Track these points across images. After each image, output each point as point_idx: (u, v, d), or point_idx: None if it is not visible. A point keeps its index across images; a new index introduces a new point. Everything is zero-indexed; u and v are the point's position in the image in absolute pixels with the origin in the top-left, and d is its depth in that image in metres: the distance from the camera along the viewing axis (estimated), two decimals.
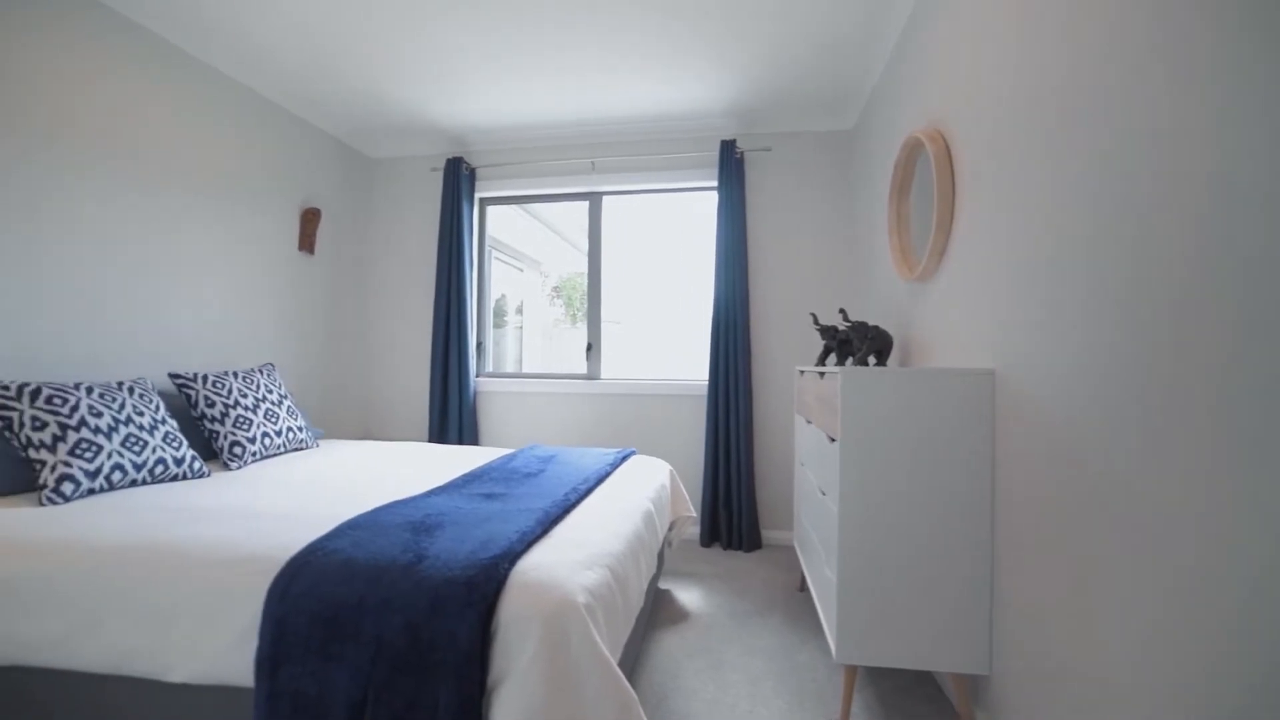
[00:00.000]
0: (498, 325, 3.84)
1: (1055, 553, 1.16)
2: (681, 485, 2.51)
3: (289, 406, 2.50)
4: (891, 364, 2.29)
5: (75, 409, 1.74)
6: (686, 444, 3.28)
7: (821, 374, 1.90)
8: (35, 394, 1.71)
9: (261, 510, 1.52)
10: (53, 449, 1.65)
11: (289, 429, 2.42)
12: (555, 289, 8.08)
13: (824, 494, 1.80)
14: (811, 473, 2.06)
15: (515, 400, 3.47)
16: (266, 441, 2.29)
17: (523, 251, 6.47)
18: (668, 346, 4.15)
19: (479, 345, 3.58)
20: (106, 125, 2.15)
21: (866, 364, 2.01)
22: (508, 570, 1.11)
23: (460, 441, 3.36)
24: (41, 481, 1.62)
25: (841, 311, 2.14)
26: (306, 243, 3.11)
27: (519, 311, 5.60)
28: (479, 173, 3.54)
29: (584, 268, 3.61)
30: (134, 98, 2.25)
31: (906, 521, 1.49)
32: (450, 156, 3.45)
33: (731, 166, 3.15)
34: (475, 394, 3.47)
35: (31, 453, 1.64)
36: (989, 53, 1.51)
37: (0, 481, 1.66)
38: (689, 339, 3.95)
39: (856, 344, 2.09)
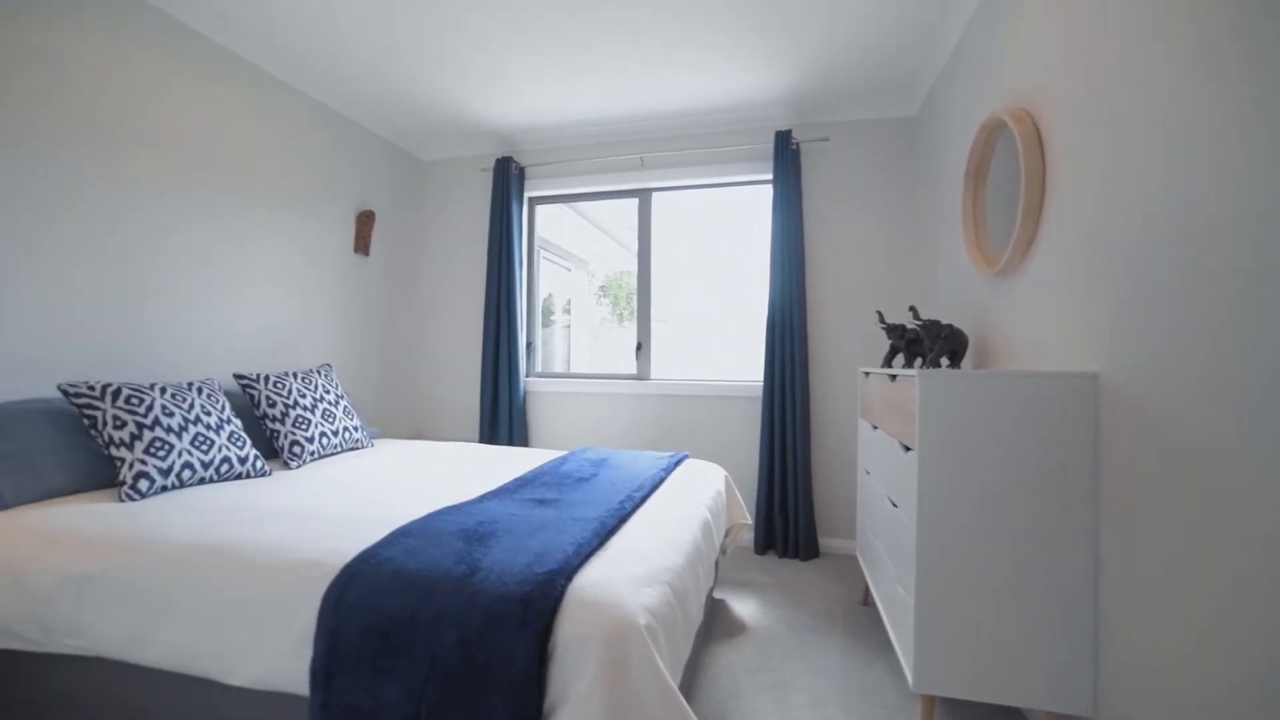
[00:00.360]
0: (545, 324, 3.83)
1: (1185, 588, 1.01)
2: (737, 491, 2.41)
3: (345, 406, 2.55)
4: (966, 366, 2.12)
5: (150, 409, 1.80)
6: (740, 447, 3.17)
7: (892, 377, 1.77)
8: (116, 394, 1.78)
9: (317, 512, 1.53)
10: (130, 447, 1.72)
11: (345, 429, 2.47)
12: (602, 288, 8.07)
13: (896, 505, 1.67)
14: (879, 482, 1.93)
15: (564, 400, 3.45)
16: (324, 441, 2.33)
17: (570, 251, 6.48)
18: (719, 346, 4.04)
19: (528, 345, 3.58)
20: (182, 138, 2.23)
21: (938, 366, 1.86)
22: (564, 587, 1.06)
23: (510, 442, 3.36)
24: (121, 479, 1.69)
25: (912, 309, 1.99)
26: (362, 245, 3.18)
27: (566, 310, 5.60)
28: (528, 172, 3.53)
29: (631, 266, 3.55)
30: (205, 109, 2.33)
31: (995, 540, 1.35)
32: (499, 156, 3.45)
33: (787, 158, 3.02)
34: (525, 394, 3.47)
35: (113, 450, 1.71)
36: (1087, 16, 1.34)
37: (90, 478, 1.75)
38: (742, 338, 3.84)
39: (928, 344, 1.93)
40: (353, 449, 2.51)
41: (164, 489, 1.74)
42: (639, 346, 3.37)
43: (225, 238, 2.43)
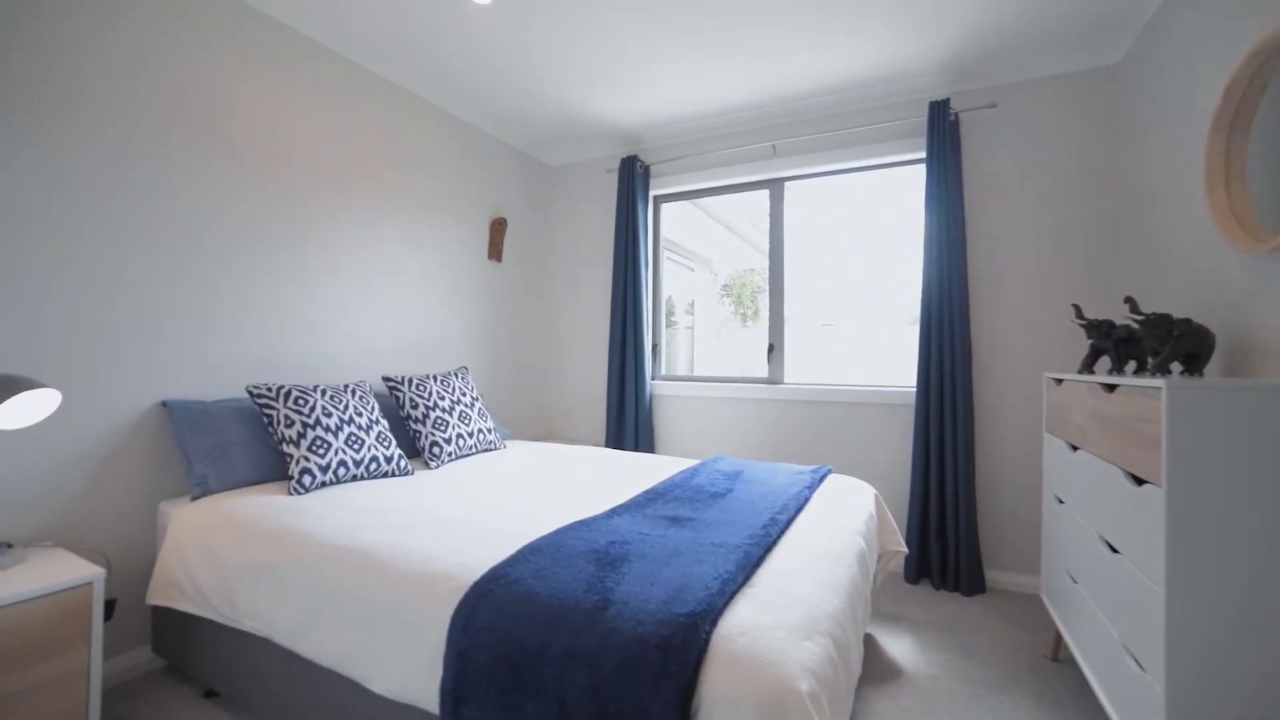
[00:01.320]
0: (667, 325, 3.73)
1: None
2: (889, 512, 2.11)
3: (479, 408, 2.62)
4: (1211, 372, 1.65)
5: (313, 409, 1.95)
6: (888, 461, 2.82)
7: (1110, 387, 1.40)
8: (287, 395, 1.94)
9: (452, 518, 1.53)
10: (297, 444, 1.86)
11: (479, 430, 2.53)
12: (725, 287, 7.85)
13: (1116, 551, 1.31)
14: (1084, 516, 1.55)
15: (691, 405, 3.31)
16: (460, 442, 2.40)
17: (693, 250, 6.35)
18: (861, 347, 3.66)
19: (654, 347, 3.49)
20: (334, 158, 2.43)
21: (1167, 372, 1.45)
22: (709, 634, 0.91)
23: (636, 446, 3.29)
24: (290, 473, 1.84)
25: (1129, 301, 1.58)
26: (495, 251, 3.29)
27: (689, 311, 5.48)
28: (653, 170, 3.45)
29: (756, 264, 3.32)
30: (358, 131, 2.52)
31: None
32: (624, 156, 3.40)
33: (943, 132, 2.63)
34: (651, 397, 3.38)
35: (284, 446, 1.87)
36: None
37: (268, 470, 1.93)
38: (887, 338, 3.45)
39: (1151, 344, 1.52)
40: (486, 450, 2.57)
41: (323, 484, 1.87)
42: (771, 348, 3.14)
43: (375, 250, 2.61)
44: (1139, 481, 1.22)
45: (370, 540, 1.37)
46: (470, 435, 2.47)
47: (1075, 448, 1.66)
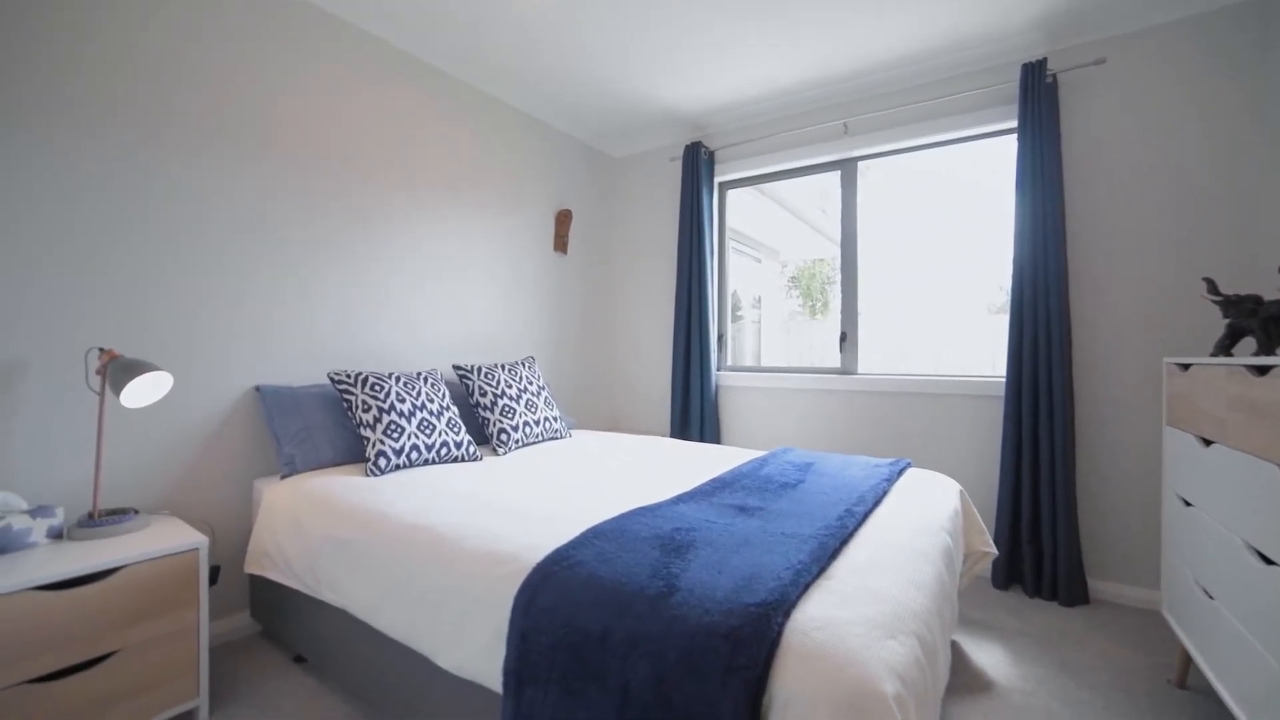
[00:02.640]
0: (733, 320, 3.64)
1: None
2: (975, 511, 1.95)
3: (546, 397, 2.65)
4: None
5: (388, 395, 2.03)
6: (972, 456, 2.61)
7: (1260, 369, 1.21)
8: (364, 381, 2.03)
9: (518, 504, 1.54)
10: (373, 428, 1.94)
11: (546, 419, 2.56)
12: (792, 279, 7.59)
13: (1272, 563, 1.13)
14: (1221, 520, 1.35)
15: (758, 396, 3.21)
16: (527, 430, 2.44)
17: (759, 240, 6.18)
18: (942, 336, 3.42)
19: (720, 337, 3.41)
20: (410, 158, 2.52)
21: None
22: (782, 626, 0.85)
23: (701, 438, 3.23)
24: (367, 455, 1.92)
25: None
26: (560, 243, 3.32)
27: (755, 305, 5.35)
28: (718, 155, 3.37)
29: (824, 253, 3.17)
30: (428, 130, 2.60)
31: None
32: (688, 143, 3.34)
33: (1039, 96, 2.38)
34: (716, 388, 3.31)
35: (362, 430, 1.95)
36: None
37: (347, 453, 2.03)
38: (971, 326, 3.20)
39: None
40: (553, 438, 2.59)
41: (397, 467, 1.94)
42: (843, 337, 2.98)
43: (444, 243, 2.69)
44: None
45: (439, 521, 1.39)
46: (537, 424, 2.50)
47: (1208, 442, 1.45)
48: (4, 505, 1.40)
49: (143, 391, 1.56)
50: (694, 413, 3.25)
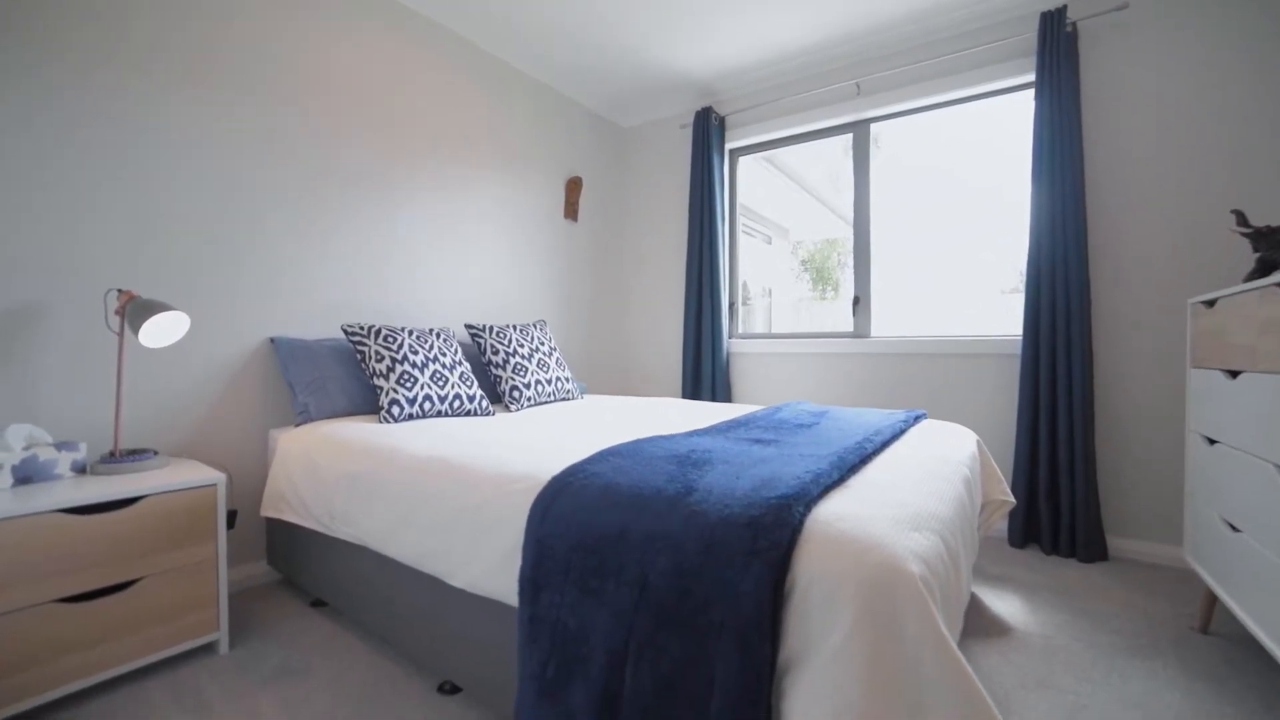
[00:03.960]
0: (743, 304, 3.60)
1: None
2: (993, 461, 1.92)
3: (558, 358, 2.64)
4: None
5: (400, 347, 2.03)
6: (988, 415, 2.58)
7: None
8: (377, 333, 2.04)
9: (532, 442, 1.53)
10: (386, 377, 1.95)
11: (558, 379, 2.56)
12: (803, 262, 7.52)
13: None
14: (1253, 450, 1.32)
15: (771, 361, 3.19)
16: (539, 388, 2.43)
17: (769, 218, 6.14)
18: (958, 297, 3.37)
19: (731, 305, 3.39)
20: (424, 118, 2.52)
21: None
22: (803, 515, 0.84)
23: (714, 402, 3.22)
24: (380, 404, 1.92)
25: None
26: (571, 210, 3.30)
27: (765, 295, 5.33)
28: (728, 121, 3.33)
29: (835, 233, 3.13)
30: (441, 94, 2.60)
31: None
32: (698, 109, 3.31)
33: (1057, 47, 2.33)
34: (728, 355, 3.29)
35: (375, 380, 1.96)
36: None
37: (361, 403, 2.05)
38: (986, 285, 3.16)
39: None
40: (564, 399, 2.59)
41: (410, 416, 1.94)
42: (856, 300, 2.95)
43: (456, 207, 2.69)
44: None
45: (452, 453, 1.39)
46: (549, 383, 2.50)
47: (1235, 373, 1.42)
48: (30, 437, 1.42)
49: (161, 331, 1.57)
50: (705, 380, 3.23)
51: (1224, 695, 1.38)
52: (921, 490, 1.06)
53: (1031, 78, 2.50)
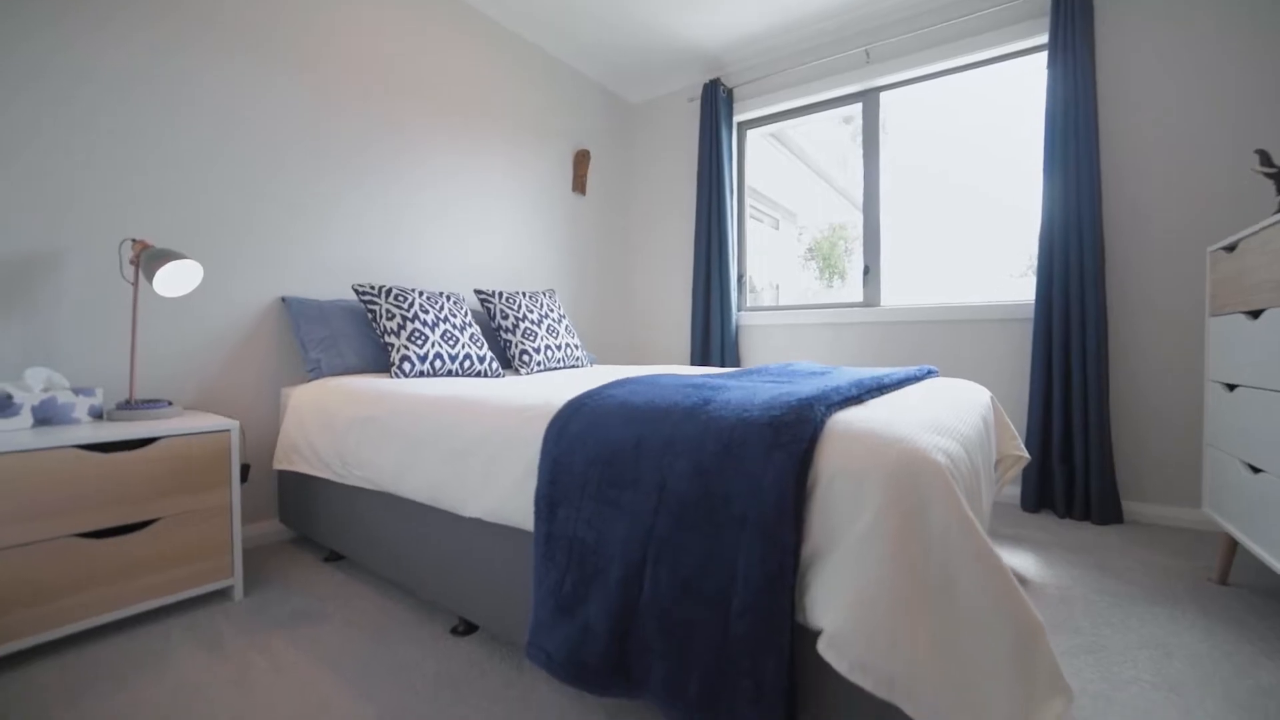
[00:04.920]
0: (751, 292, 3.58)
1: None
2: (1008, 418, 1.90)
3: (567, 325, 2.64)
4: None
5: (412, 305, 2.03)
6: (1000, 379, 2.56)
7: None
8: (388, 292, 2.04)
9: (545, 389, 1.53)
10: (397, 335, 1.95)
11: (567, 344, 2.55)
12: (810, 250, 7.47)
13: None
14: (1276, 386, 1.30)
15: (781, 333, 3.17)
16: (548, 354, 2.43)
17: (777, 201, 6.11)
18: (968, 264, 3.35)
19: (740, 277, 3.38)
20: (438, 87, 2.52)
21: None
22: (825, 415, 0.83)
23: None
24: (391, 360, 1.93)
25: None
26: (579, 184, 3.30)
27: (774, 289, 5.32)
28: (736, 94, 3.31)
29: (844, 217, 3.11)
30: (454, 60, 2.60)
31: None
32: (706, 81, 3.29)
33: (1071, 4, 2.30)
34: (737, 327, 3.28)
35: (386, 338, 1.96)
36: None
37: (372, 362, 2.06)
38: (998, 251, 3.14)
39: None
40: (574, 366, 2.59)
41: (421, 374, 1.94)
42: (866, 270, 2.93)
43: (465, 175, 2.69)
44: None
45: (465, 392, 1.39)
46: (558, 348, 2.49)
47: (1257, 313, 1.40)
48: (50, 381, 1.43)
49: (175, 279, 1.58)
50: (714, 352, 3.22)
51: (1245, 636, 1.36)
52: (939, 408, 1.05)
53: (1044, 39, 2.47)
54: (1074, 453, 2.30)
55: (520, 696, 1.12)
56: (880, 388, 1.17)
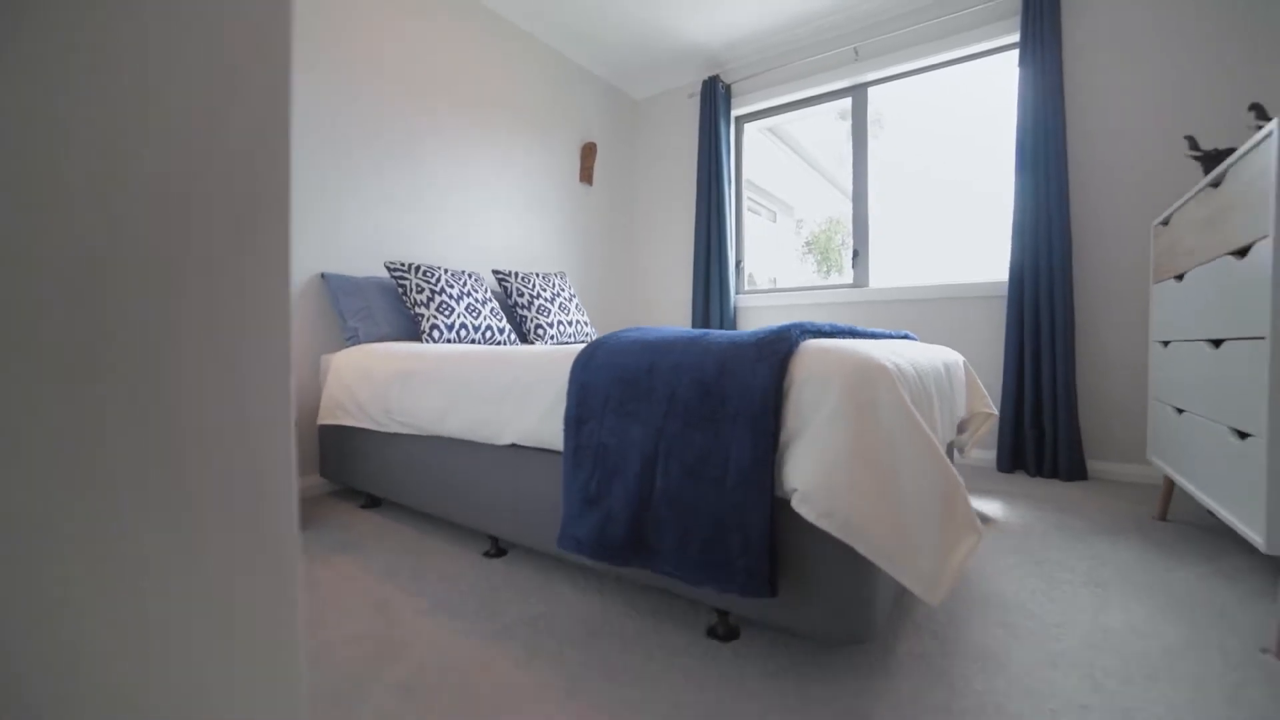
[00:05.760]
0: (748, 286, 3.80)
1: None
2: (979, 380, 2.11)
3: (577, 304, 2.85)
4: None
5: (438, 280, 2.25)
6: (980, 354, 2.78)
7: (1216, 182, 1.36)
8: (417, 269, 2.25)
9: (565, 348, 1.74)
10: (426, 306, 2.16)
11: (577, 322, 2.77)
12: (807, 244, 7.66)
13: (1218, 346, 1.29)
14: (1190, 330, 1.51)
15: (777, 314, 3.39)
16: (561, 329, 2.64)
17: (774, 194, 6.31)
18: (947, 246, 3.57)
19: (738, 263, 3.59)
20: (455, 82, 2.73)
21: None
22: (799, 338, 1.04)
23: None
24: (421, 329, 2.14)
25: (1254, 108, 1.50)
26: (586, 175, 3.51)
27: (772, 284, 5.53)
28: (734, 89, 3.53)
29: (838, 211, 3.32)
30: (466, 57, 2.81)
31: None
32: (706, 78, 3.50)
33: (1040, 5, 2.52)
34: (735, 310, 3.50)
35: (417, 310, 2.17)
36: None
37: (403, 333, 2.26)
38: (975, 233, 3.35)
39: None
40: (584, 342, 2.80)
41: (449, 341, 2.16)
42: (855, 254, 3.15)
43: (482, 165, 2.90)
44: (1242, 253, 1.20)
45: (495, 351, 1.60)
46: (570, 324, 2.70)
47: (1180, 277, 1.61)
48: None
49: None
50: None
51: (1171, 553, 1.58)
52: (899, 347, 1.26)
53: (1017, 37, 2.68)
54: (1044, 418, 2.51)
55: (547, 595, 1.34)
56: (853, 333, 1.38)
